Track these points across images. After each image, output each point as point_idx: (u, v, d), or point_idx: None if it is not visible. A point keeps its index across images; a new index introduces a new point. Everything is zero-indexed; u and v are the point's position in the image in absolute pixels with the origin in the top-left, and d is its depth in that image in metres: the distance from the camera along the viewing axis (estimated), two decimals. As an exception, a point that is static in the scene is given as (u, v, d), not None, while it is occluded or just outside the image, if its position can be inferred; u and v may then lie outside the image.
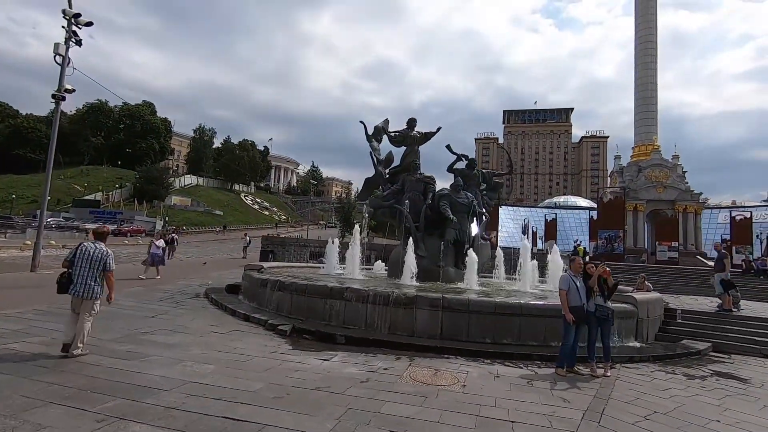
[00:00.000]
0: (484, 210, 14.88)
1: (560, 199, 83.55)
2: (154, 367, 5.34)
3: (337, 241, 14.82)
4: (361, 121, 15.29)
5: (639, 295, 9.78)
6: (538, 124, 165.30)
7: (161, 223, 52.12)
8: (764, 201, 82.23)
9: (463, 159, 15.88)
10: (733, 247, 41.00)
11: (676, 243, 42.72)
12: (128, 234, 46.99)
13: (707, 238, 52.00)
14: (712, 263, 42.16)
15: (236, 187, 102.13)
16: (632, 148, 60.82)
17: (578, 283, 6.51)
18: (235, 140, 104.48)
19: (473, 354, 7.11)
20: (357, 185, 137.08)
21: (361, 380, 5.40)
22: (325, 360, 6.32)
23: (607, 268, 6.63)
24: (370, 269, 19.27)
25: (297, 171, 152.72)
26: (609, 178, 63.17)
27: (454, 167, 15.87)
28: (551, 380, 5.94)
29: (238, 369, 5.57)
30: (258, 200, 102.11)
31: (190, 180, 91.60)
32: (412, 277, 11.58)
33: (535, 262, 16.63)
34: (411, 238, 12.59)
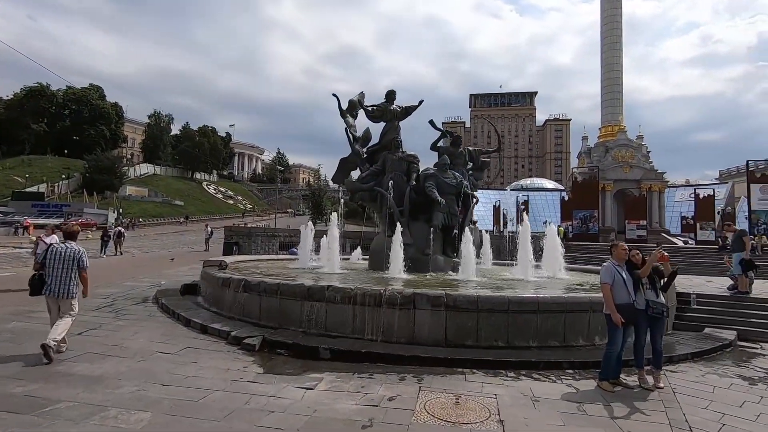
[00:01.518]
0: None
1: (527, 182, 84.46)
2: (56, 426, 3.63)
3: (311, 228, 13.11)
4: (334, 94, 13.50)
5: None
6: (503, 108, 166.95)
7: (114, 215, 48.29)
8: (716, 179, 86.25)
9: (448, 135, 14.48)
10: (697, 224, 42.18)
11: (644, 221, 43.46)
12: (77, 228, 43.18)
13: (667, 216, 53.59)
14: (676, 240, 43.29)
15: (197, 175, 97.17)
16: (599, 128, 61.55)
17: (624, 275, 5.23)
18: (195, 127, 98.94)
19: (492, 366, 5.75)
20: (325, 171, 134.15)
21: (362, 423, 3.90)
22: (308, 389, 4.77)
23: (665, 253, 5.38)
24: (347, 259, 17.74)
25: (262, 158, 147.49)
26: (577, 159, 63.96)
27: (438, 145, 14.44)
28: (603, 401, 4.65)
29: (188, 416, 3.94)
30: (221, 189, 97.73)
31: (146, 169, 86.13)
32: (401, 269, 10.09)
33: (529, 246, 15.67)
34: (398, 224, 11.08)
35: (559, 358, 6.08)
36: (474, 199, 13.34)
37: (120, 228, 24.71)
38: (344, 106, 13.70)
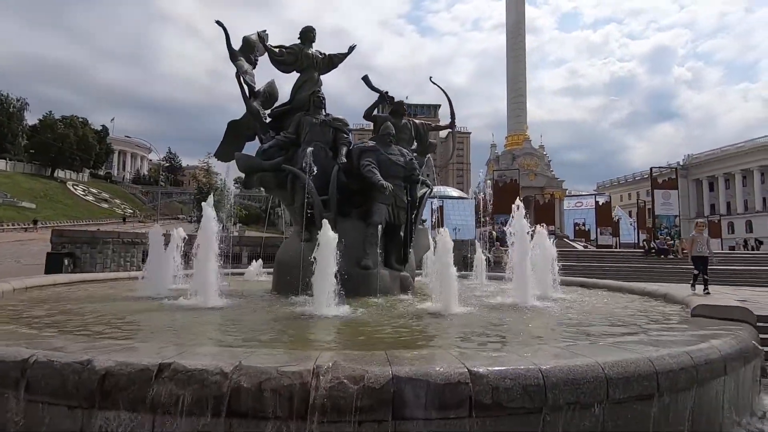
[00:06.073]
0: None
1: (434, 189, 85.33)
2: None
3: (177, 231, 8.04)
4: (218, 21, 8.75)
5: (742, 303, 5.64)
6: (410, 118, 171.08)
7: None
8: (594, 190, 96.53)
9: (387, 100, 10.54)
10: (599, 229, 44.26)
11: (553, 227, 44.39)
12: None
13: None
14: (575, 245, 44.97)
15: (61, 173, 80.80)
16: (505, 137, 63.60)
17: None
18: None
19: None
20: (220, 169, 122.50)
21: None
22: None
23: None
24: (241, 274, 12.85)
25: (149, 158, 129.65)
26: (486, 166, 65.28)
27: (375, 113, 10.44)
28: None
29: None
30: (93, 190, 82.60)
31: (-17, 163, 68.76)
32: (331, 298, 5.67)
33: (480, 256, 12.44)
34: (324, 222, 6.70)
35: None
36: (427, 188, 9.55)
37: None
38: (237, 46, 9.07)
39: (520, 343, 3.90)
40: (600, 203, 45.26)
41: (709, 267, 8.36)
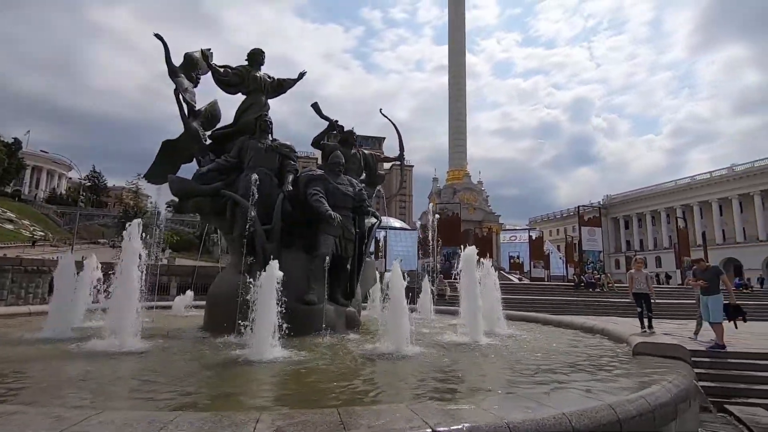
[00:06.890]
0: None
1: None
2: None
3: (90, 259, 6.99)
4: (157, 35, 8.16)
5: (671, 337, 5.88)
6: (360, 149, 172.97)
7: None
8: (527, 225, 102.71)
9: (337, 129, 10.35)
10: (532, 262, 46.47)
11: (491, 259, 45.90)
12: None
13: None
14: (511, 277, 46.83)
15: (-43, 190, 71.51)
16: (447, 172, 66.03)
17: None
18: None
19: None
20: (150, 191, 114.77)
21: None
22: None
23: None
24: (168, 307, 11.71)
25: (68, 176, 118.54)
26: (428, 199, 67.00)
27: (324, 141, 10.18)
28: None
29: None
30: (-2, 210, 73.51)
31: None
32: (272, 336, 5.11)
33: (427, 289, 12.29)
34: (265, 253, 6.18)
35: None
36: (376, 220, 9.33)
37: None
38: (177, 61, 8.50)
39: (480, 392, 3.65)
40: (533, 238, 47.85)
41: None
